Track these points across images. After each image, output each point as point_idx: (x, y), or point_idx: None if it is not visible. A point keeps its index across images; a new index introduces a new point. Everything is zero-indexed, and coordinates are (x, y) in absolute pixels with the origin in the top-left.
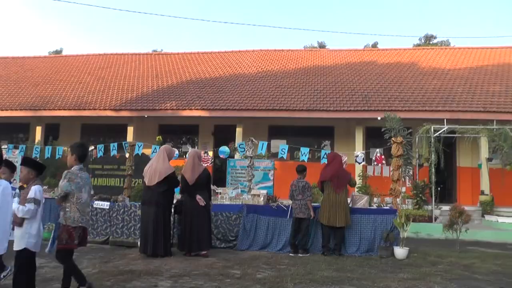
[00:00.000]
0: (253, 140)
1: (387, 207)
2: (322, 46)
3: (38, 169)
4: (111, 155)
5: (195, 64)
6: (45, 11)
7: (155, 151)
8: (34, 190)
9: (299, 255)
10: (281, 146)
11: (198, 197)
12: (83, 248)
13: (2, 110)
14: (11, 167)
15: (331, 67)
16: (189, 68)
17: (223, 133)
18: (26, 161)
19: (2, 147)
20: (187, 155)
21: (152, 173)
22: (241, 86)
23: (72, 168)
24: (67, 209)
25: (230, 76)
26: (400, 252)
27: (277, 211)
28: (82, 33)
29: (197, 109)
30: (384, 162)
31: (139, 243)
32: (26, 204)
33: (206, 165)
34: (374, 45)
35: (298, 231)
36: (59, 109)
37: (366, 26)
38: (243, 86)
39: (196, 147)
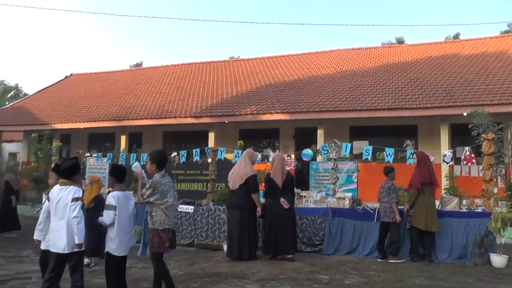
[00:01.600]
0: (336, 141)
1: (479, 210)
2: (400, 41)
3: (115, 176)
4: (194, 160)
5: (273, 68)
6: (124, 28)
7: (237, 155)
8: (109, 197)
9: (389, 261)
10: (365, 147)
11: (282, 200)
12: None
13: (90, 121)
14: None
15: (411, 63)
16: (267, 72)
17: (303, 136)
18: (111, 169)
19: (93, 155)
20: (271, 159)
21: (235, 177)
22: (320, 87)
23: (155, 177)
24: (153, 214)
25: (309, 77)
26: (497, 260)
27: (363, 214)
28: (160, 46)
29: (277, 113)
30: (474, 161)
31: (224, 246)
32: (104, 212)
33: (289, 168)
34: (456, 36)
35: (385, 235)
36: (142, 119)
37: (446, 17)
38: (323, 87)
39: (277, 150)
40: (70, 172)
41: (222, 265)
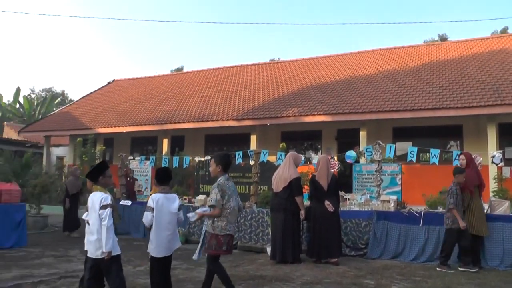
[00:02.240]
0: (380, 143)
1: None
2: (443, 38)
3: (157, 178)
4: (236, 163)
5: (314, 69)
6: (165, 33)
7: (280, 158)
8: (149, 199)
9: (437, 268)
10: (410, 148)
11: (326, 202)
12: None
13: (133, 125)
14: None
15: (455, 60)
16: (308, 73)
17: (346, 137)
18: (156, 171)
19: (135, 158)
20: (315, 161)
21: (279, 180)
22: (362, 88)
23: (221, 180)
24: (215, 218)
25: (351, 78)
26: None
27: (408, 217)
28: (200, 50)
29: (319, 114)
30: None
31: (267, 249)
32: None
33: (333, 170)
34: (504, 31)
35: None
36: (184, 122)
37: (491, 11)
38: (365, 88)
39: (319, 153)
40: (93, 175)
41: (266, 268)
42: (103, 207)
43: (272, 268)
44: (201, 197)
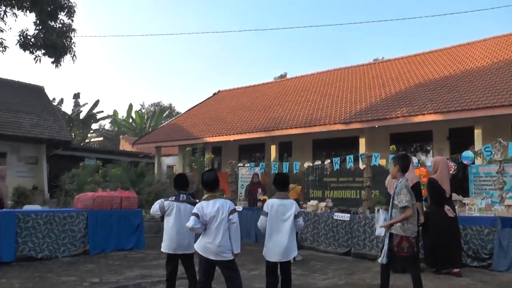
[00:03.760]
0: (501, 141)
1: None
2: None
3: (274, 184)
4: (347, 167)
5: (421, 66)
6: (268, 40)
7: None
8: (265, 203)
9: None
10: None
11: (447, 207)
12: (326, 258)
13: (240, 133)
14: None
15: None
16: (415, 71)
17: (459, 137)
18: (274, 177)
19: (245, 165)
20: (430, 163)
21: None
22: (475, 82)
23: (402, 181)
24: (404, 221)
25: (462, 72)
26: None
27: None
28: (302, 55)
29: (429, 113)
30: None
31: None
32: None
33: (450, 172)
34: None
35: None
36: (291, 128)
37: None
38: (477, 82)
39: (429, 154)
40: (215, 185)
41: None
42: (232, 211)
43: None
44: (313, 202)
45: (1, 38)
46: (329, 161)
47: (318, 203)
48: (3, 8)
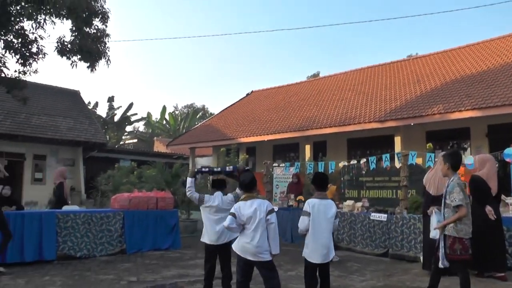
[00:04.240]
0: None
1: None
2: None
3: (315, 183)
4: (384, 166)
5: (457, 61)
6: (299, 40)
7: (430, 159)
8: (305, 203)
9: None
10: None
11: (488, 208)
12: (363, 259)
13: (274, 133)
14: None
15: None
16: (451, 66)
17: (498, 134)
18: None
19: (280, 165)
20: (479, 161)
21: (440, 182)
22: None
23: (454, 179)
24: (457, 221)
25: (501, 66)
26: None
27: None
28: (334, 54)
29: (467, 110)
30: None
31: (421, 258)
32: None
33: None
34: None
35: None
36: (325, 127)
37: None
38: None
39: (466, 152)
40: (253, 185)
41: (423, 279)
42: (270, 212)
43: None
44: (349, 202)
45: (41, 46)
46: (364, 160)
47: (354, 203)
48: (43, 17)
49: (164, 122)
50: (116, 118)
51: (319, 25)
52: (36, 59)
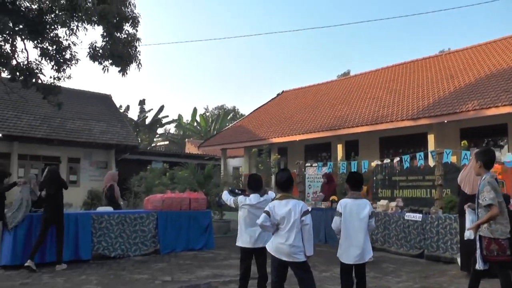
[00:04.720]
0: None
1: None
2: None
3: (349, 182)
4: (418, 165)
5: (492, 55)
6: (330, 39)
7: (465, 157)
8: (338, 203)
9: None
10: None
11: None
12: (398, 260)
13: (306, 133)
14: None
15: None
16: (486, 60)
17: None
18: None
19: (313, 165)
20: (507, 159)
21: (474, 181)
22: None
23: (486, 177)
24: (491, 221)
25: None
26: None
27: None
28: (365, 52)
29: (504, 105)
30: None
31: (457, 259)
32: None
33: None
34: None
35: None
36: (357, 126)
37: None
38: None
39: (503, 149)
40: (289, 184)
41: (461, 281)
42: (305, 213)
43: (467, 282)
44: (383, 202)
45: (74, 52)
46: (398, 159)
47: (388, 203)
48: (75, 23)
49: (195, 123)
50: (147, 121)
51: (349, 23)
52: (70, 65)
